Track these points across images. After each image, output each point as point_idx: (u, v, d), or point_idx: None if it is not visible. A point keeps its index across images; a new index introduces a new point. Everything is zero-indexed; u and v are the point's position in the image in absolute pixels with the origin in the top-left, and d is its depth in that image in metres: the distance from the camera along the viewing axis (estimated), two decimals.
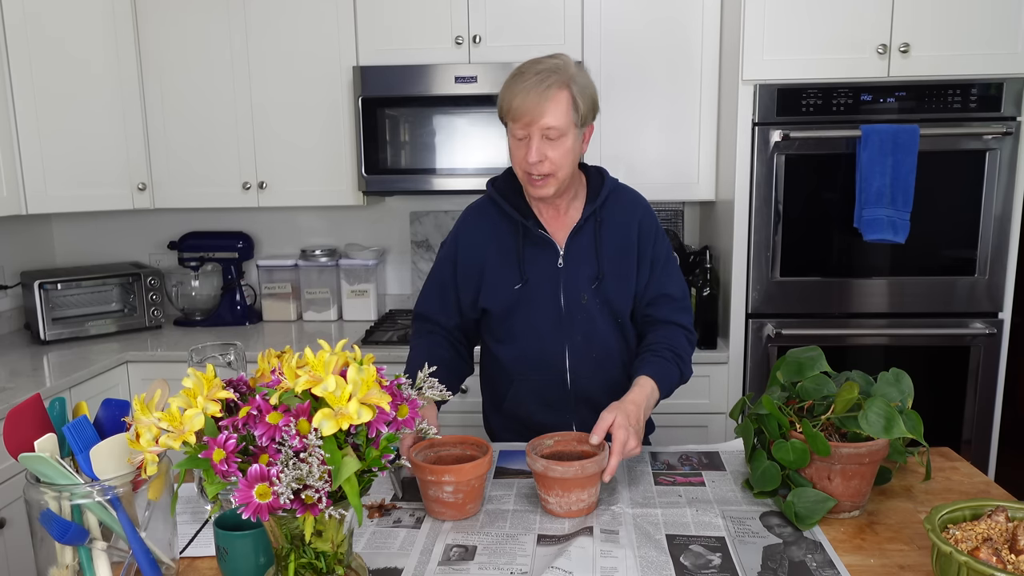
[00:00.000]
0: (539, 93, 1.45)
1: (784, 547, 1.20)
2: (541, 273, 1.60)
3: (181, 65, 2.69)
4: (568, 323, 1.61)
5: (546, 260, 1.60)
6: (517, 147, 1.51)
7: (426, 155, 2.62)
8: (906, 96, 2.32)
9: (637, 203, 1.67)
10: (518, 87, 1.47)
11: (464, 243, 1.65)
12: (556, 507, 1.30)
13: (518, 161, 1.52)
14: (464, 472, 1.27)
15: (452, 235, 1.69)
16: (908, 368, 1.38)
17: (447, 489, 1.28)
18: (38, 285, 2.63)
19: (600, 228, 1.61)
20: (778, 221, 2.39)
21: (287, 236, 3.12)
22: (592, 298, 1.60)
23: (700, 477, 1.47)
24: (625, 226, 1.63)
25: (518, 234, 1.61)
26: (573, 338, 1.61)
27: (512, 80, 1.50)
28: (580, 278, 1.60)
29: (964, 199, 2.35)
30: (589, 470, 1.27)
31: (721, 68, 2.56)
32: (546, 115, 1.45)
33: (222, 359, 1.33)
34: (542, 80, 1.46)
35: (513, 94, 1.47)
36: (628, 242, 1.62)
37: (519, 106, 1.46)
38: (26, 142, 2.48)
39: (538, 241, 1.60)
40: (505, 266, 1.61)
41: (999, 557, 0.98)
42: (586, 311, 1.61)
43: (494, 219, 1.64)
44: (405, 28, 2.62)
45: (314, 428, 0.85)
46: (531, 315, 1.61)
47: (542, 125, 1.46)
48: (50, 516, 0.97)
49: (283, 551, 0.94)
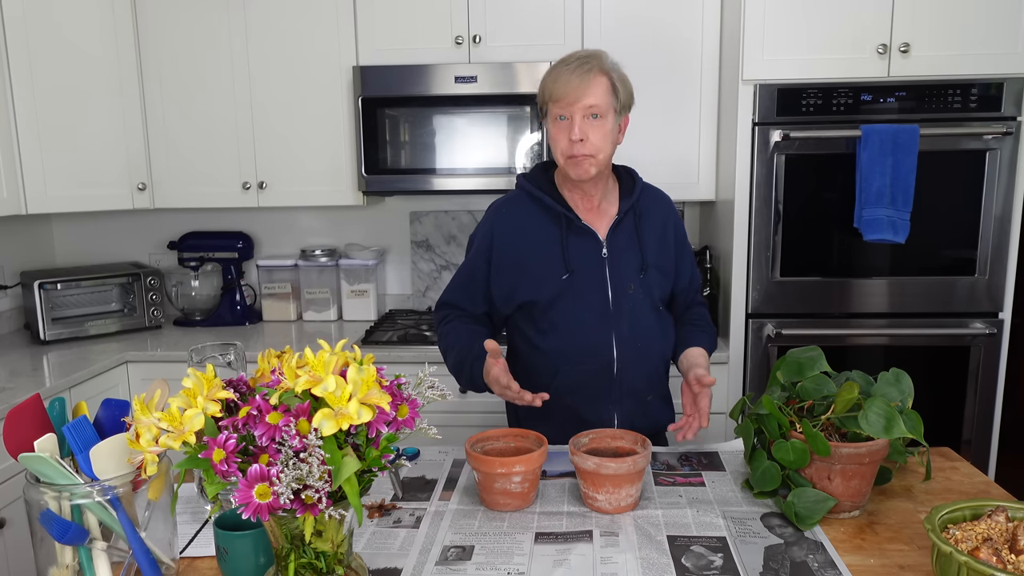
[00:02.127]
0: (581, 74, 1.52)
1: (785, 547, 1.20)
2: (586, 263, 1.63)
3: (181, 65, 2.69)
4: (616, 313, 1.63)
5: (590, 250, 1.63)
6: (559, 130, 1.56)
7: (426, 155, 2.62)
8: (906, 96, 2.32)
9: (666, 201, 1.76)
10: (560, 70, 1.55)
11: (501, 237, 1.67)
12: (606, 504, 1.32)
13: (560, 143, 1.57)
14: (532, 461, 1.32)
15: (485, 230, 1.70)
16: (908, 368, 1.38)
17: (515, 480, 1.31)
18: (38, 285, 2.63)
19: (639, 221, 1.67)
20: (778, 221, 2.39)
21: (287, 236, 3.12)
22: (638, 287, 1.65)
23: (700, 477, 1.47)
24: (661, 221, 1.70)
25: (560, 225, 1.64)
26: (620, 328, 1.64)
27: (554, 68, 1.58)
28: (626, 268, 1.64)
29: (964, 199, 2.35)
30: (640, 465, 1.31)
31: (721, 68, 2.56)
32: (588, 94, 1.52)
33: (222, 359, 1.33)
34: (583, 63, 1.54)
35: (555, 77, 1.55)
36: (666, 237, 1.70)
37: (563, 87, 1.53)
38: (26, 142, 2.48)
39: (580, 232, 1.64)
40: (548, 257, 1.63)
41: (999, 557, 0.98)
42: (632, 301, 1.64)
43: (530, 211, 1.67)
44: (405, 28, 2.62)
45: (314, 428, 0.85)
46: (578, 305, 1.63)
47: (584, 104, 1.52)
48: (50, 516, 0.97)
49: (283, 551, 0.94)
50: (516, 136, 2.58)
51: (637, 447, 1.39)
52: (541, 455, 1.34)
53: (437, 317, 1.78)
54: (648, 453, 1.34)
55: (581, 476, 1.34)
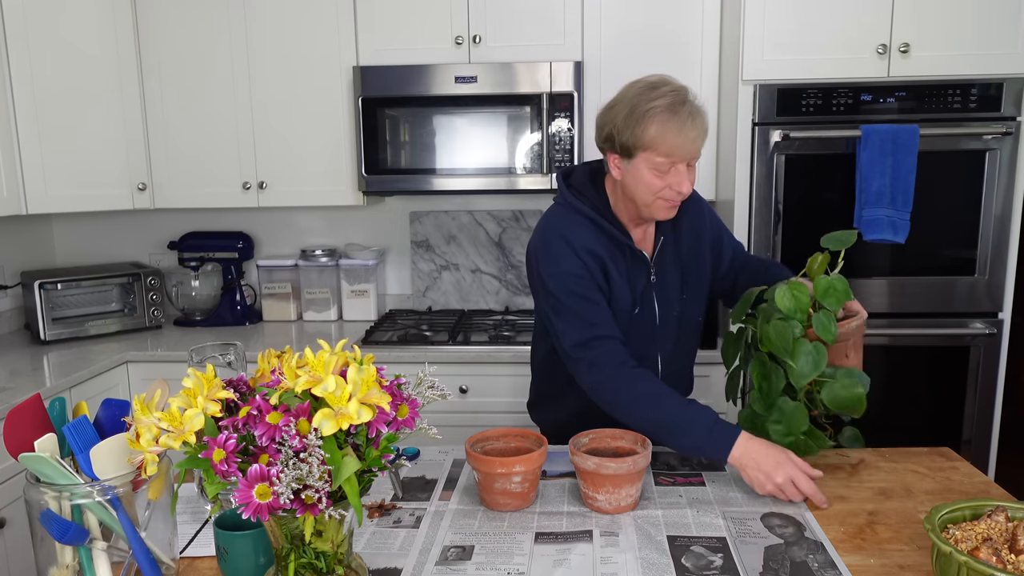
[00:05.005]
0: (695, 127, 1.44)
1: (785, 547, 1.20)
2: (639, 289, 1.60)
3: (181, 65, 2.69)
4: (662, 333, 1.64)
5: (641, 276, 1.60)
6: (657, 176, 1.46)
7: (426, 155, 2.62)
8: (906, 96, 2.32)
9: (700, 201, 1.70)
10: (670, 120, 1.42)
11: (588, 259, 1.53)
12: (606, 504, 1.32)
13: (656, 188, 1.47)
14: (532, 461, 1.32)
15: (565, 253, 1.53)
16: (908, 368, 1.40)
17: (515, 480, 1.32)
18: (38, 285, 2.63)
19: (680, 235, 1.64)
20: (778, 221, 2.39)
21: (287, 236, 3.12)
22: (681, 307, 1.65)
23: (700, 477, 1.47)
24: (698, 226, 1.67)
25: (624, 255, 1.57)
26: (664, 347, 1.64)
27: (652, 109, 1.44)
28: (670, 289, 1.63)
29: (964, 199, 2.35)
30: (640, 465, 1.31)
31: (721, 68, 2.56)
32: (700, 147, 1.47)
33: (222, 359, 1.33)
34: (692, 115, 1.44)
35: (666, 128, 1.42)
36: (702, 241, 1.67)
37: (679, 141, 1.43)
38: (26, 142, 2.48)
39: (636, 261, 1.59)
40: (621, 287, 1.57)
41: (999, 557, 0.98)
42: (677, 320, 1.65)
43: (593, 233, 1.55)
44: (405, 28, 2.62)
45: (314, 428, 0.85)
46: (632, 330, 1.59)
47: (695, 157, 1.48)
48: (50, 516, 0.97)
49: (283, 551, 0.94)
50: (516, 136, 2.58)
51: (637, 447, 1.39)
52: (541, 455, 1.35)
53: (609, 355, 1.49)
54: (648, 453, 1.34)
55: (581, 476, 1.34)
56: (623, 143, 1.47)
